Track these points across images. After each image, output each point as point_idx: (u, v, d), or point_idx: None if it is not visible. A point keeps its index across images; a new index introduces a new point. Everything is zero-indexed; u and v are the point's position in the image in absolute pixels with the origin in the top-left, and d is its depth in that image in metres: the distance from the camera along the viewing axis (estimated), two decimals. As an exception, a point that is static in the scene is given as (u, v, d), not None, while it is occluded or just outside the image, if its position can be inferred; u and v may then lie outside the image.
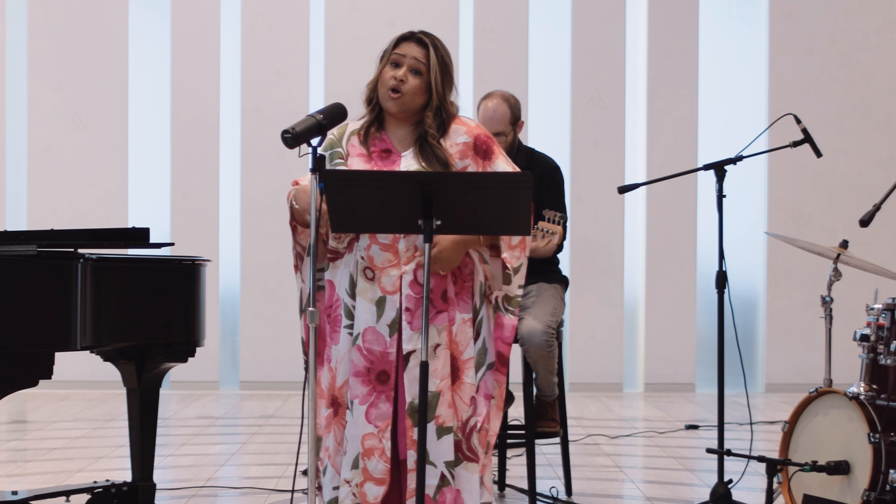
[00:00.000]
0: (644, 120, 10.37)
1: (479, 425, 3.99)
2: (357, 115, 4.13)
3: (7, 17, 10.34)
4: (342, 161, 4.03)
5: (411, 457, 3.88)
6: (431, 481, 3.90)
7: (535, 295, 5.51)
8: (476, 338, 4.03)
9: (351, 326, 3.96)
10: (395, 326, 3.91)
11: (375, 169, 3.97)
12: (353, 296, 3.96)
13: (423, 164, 3.97)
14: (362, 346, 3.93)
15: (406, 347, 3.90)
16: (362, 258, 3.95)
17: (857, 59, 10.34)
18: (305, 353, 3.98)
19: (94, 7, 10.32)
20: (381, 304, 3.93)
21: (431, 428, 3.89)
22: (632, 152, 10.40)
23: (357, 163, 4.00)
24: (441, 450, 3.91)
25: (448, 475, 3.91)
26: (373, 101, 4.06)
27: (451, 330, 3.96)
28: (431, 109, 4.01)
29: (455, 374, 3.96)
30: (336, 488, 3.97)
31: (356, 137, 4.06)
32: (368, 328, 3.94)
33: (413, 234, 3.87)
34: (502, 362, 4.05)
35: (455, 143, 4.03)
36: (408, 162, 3.99)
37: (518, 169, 4.17)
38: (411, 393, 3.89)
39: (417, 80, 3.99)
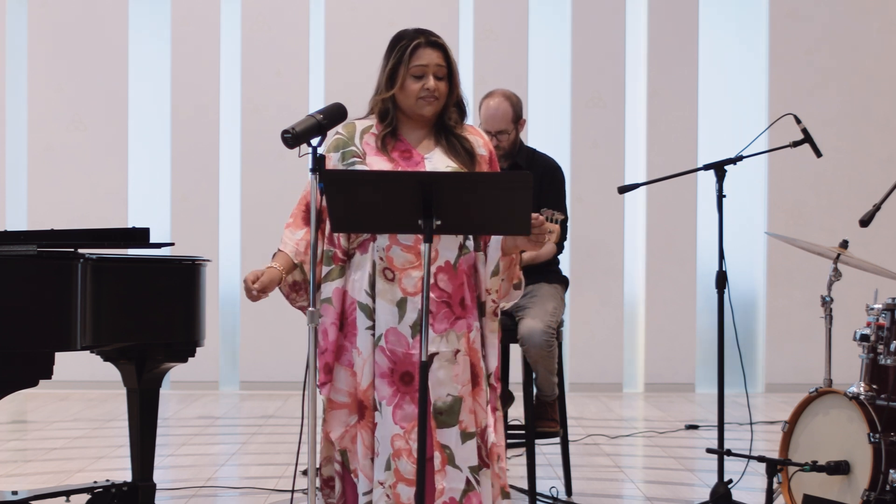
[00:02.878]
0: (644, 120, 10.37)
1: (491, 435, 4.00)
2: (356, 115, 4.11)
3: (7, 17, 10.34)
4: (359, 160, 3.99)
5: (437, 458, 3.89)
6: (458, 485, 3.90)
7: (534, 295, 5.50)
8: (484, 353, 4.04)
9: (372, 327, 3.94)
10: (417, 328, 3.89)
11: (398, 169, 3.95)
12: (372, 297, 3.94)
13: (452, 157, 3.98)
14: (385, 348, 3.92)
15: (429, 349, 3.88)
16: (381, 259, 3.93)
17: (857, 59, 10.34)
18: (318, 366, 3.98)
19: (94, 7, 10.32)
20: (402, 305, 3.91)
21: (455, 432, 3.89)
22: (632, 152, 10.40)
23: (377, 162, 3.98)
24: (465, 454, 3.91)
25: (473, 480, 3.91)
26: (389, 113, 4.01)
27: (469, 337, 3.96)
28: (451, 104, 4.03)
29: (475, 380, 3.96)
30: (366, 493, 3.93)
31: (370, 136, 4.04)
32: (390, 329, 3.92)
33: (436, 236, 3.84)
34: (498, 377, 4.07)
35: (476, 153, 4.05)
36: (433, 163, 3.98)
37: None
38: (435, 395, 3.89)
39: (444, 84, 4.00)
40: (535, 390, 5.57)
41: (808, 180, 10.24)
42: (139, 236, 4.71)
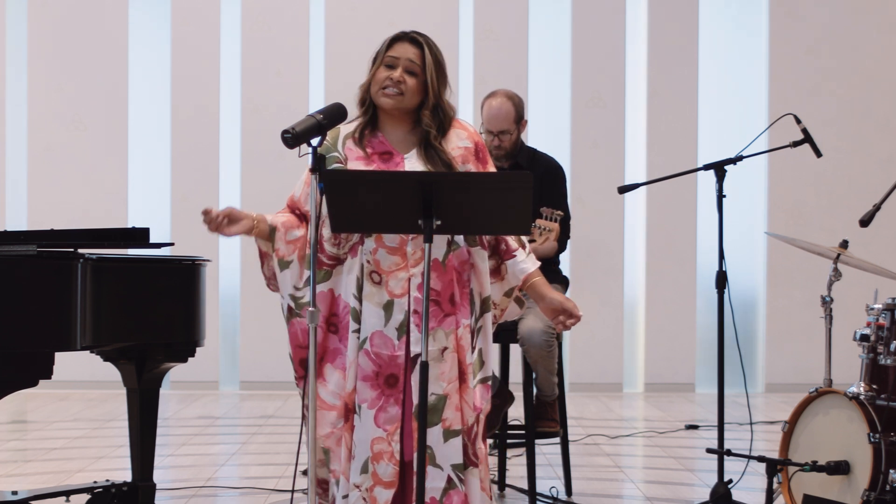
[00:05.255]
0: (644, 120, 10.37)
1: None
2: (355, 116, 4.12)
3: (7, 17, 10.34)
4: (341, 165, 4.00)
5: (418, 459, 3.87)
6: (438, 484, 3.88)
7: (535, 295, 5.49)
8: (473, 347, 4.02)
9: (357, 331, 3.93)
10: (404, 329, 3.89)
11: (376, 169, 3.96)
12: (359, 300, 3.94)
13: (429, 166, 3.96)
14: (370, 351, 3.91)
15: (414, 350, 3.88)
16: (368, 262, 3.93)
17: (857, 59, 10.34)
18: (293, 359, 3.96)
19: (94, 7, 10.32)
20: (388, 307, 3.90)
21: (438, 430, 3.87)
22: (632, 152, 10.40)
23: (357, 166, 3.98)
24: (448, 452, 3.89)
25: (455, 478, 3.90)
26: (366, 102, 4.03)
27: (458, 334, 3.95)
28: (428, 108, 3.99)
29: (462, 377, 3.95)
30: (345, 497, 3.92)
31: (351, 140, 4.03)
32: (376, 332, 3.91)
33: (421, 236, 3.82)
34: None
35: (457, 146, 4.02)
36: (412, 164, 3.97)
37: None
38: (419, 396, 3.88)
39: (414, 81, 3.97)
40: (535, 390, 5.57)
41: (808, 180, 10.24)
42: (139, 236, 4.71)
